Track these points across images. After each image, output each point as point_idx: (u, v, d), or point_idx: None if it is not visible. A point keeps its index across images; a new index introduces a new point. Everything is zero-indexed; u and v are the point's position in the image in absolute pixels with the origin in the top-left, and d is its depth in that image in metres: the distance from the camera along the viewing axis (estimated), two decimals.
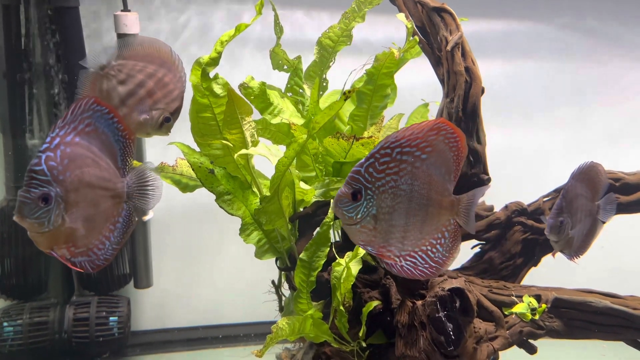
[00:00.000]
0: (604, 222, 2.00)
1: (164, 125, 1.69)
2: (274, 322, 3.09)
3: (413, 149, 1.43)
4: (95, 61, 1.61)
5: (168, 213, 2.93)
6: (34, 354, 2.61)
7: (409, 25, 2.06)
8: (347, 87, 2.35)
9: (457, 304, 1.82)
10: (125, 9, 2.60)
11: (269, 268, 2.67)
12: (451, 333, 1.83)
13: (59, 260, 1.37)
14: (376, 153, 1.42)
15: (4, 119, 2.49)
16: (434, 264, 1.52)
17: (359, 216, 1.43)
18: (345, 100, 1.69)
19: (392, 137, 1.41)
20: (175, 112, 1.70)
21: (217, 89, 1.98)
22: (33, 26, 2.45)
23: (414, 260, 1.51)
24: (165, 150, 2.17)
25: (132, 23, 2.58)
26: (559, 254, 2.01)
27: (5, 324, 2.59)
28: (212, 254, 3.07)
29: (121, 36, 2.60)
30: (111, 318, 2.73)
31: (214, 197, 2.19)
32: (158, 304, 3.01)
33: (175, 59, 1.67)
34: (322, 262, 1.98)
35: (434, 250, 1.53)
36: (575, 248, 1.93)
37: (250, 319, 3.10)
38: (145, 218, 2.81)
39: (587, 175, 1.92)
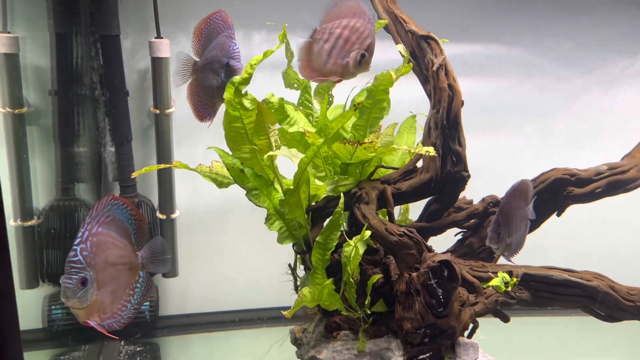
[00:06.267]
0: (531, 220, 2.35)
1: (362, 61, 2.02)
2: (283, 307, 3.53)
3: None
4: (306, 34, 2.03)
5: (192, 212, 3.33)
6: (78, 332, 2.98)
7: (406, 55, 2.51)
8: (349, 102, 2.79)
9: (446, 273, 2.24)
10: (159, 36, 3.03)
11: (276, 261, 2.97)
12: (441, 297, 2.24)
13: (96, 328, 1.70)
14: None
15: (55, 130, 2.88)
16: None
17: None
18: (355, 110, 2.13)
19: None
20: (370, 47, 2.02)
21: (247, 103, 2.37)
22: (82, 51, 2.85)
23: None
24: (195, 154, 2.56)
25: (164, 48, 3.01)
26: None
27: (52, 307, 2.97)
28: (229, 248, 3.40)
29: (155, 60, 3.03)
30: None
31: (232, 200, 2.59)
32: (182, 292, 3.36)
33: (363, 8, 2.03)
34: (335, 243, 2.38)
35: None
36: (514, 248, 2.26)
37: (262, 304, 3.46)
38: (173, 216, 3.22)
39: (519, 190, 2.23)
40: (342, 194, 2.39)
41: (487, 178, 2.89)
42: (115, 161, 3.01)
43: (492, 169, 3.26)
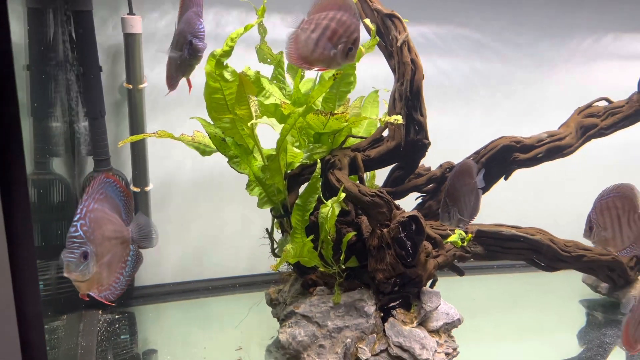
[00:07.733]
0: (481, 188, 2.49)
1: (349, 54, 2.09)
2: (256, 275, 3.72)
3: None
4: (294, 23, 2.10)
5: (165, 185, 3.43)
6: (57, 303, 3.04)
7: (373, 28, 2.74)
8: (319, 77, 2.97)
9: (414, 227, 2.51)
10: (131, 12, 3.10)
11: (247, 231, 3.18)
12: (410, 249, 2.52)
13: (95, 297, 1.78)
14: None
15: (29, 104, 2.91)
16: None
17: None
18: (334, 80, 2.34)
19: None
20: (355, 42, 2.09)
21: (227, 75, 2.52)
22: (55, 27, 2.89)
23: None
24: (167, 129, 2.64)
25: (136, 24, 3.09)
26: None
27: None
28: (202, 219, 3.52)
29: (127, 36, 3.10)
30: None
31: (205, 173, 2.67)
32: (156, 263, 3.47)
33: (349, 2, 2.09)
34: (313, 205, 2.59)
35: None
36: (468, 216, 2.39)
37: (235, 273, 3.61)
38: (147, 189, 3.32)
39: (460, 171, 2.36)
40: (318, 160, 2.60)
41: (443, 146, 3.17)
42: (89, 135, 3.07)
43: (448, 138, 3.53)
